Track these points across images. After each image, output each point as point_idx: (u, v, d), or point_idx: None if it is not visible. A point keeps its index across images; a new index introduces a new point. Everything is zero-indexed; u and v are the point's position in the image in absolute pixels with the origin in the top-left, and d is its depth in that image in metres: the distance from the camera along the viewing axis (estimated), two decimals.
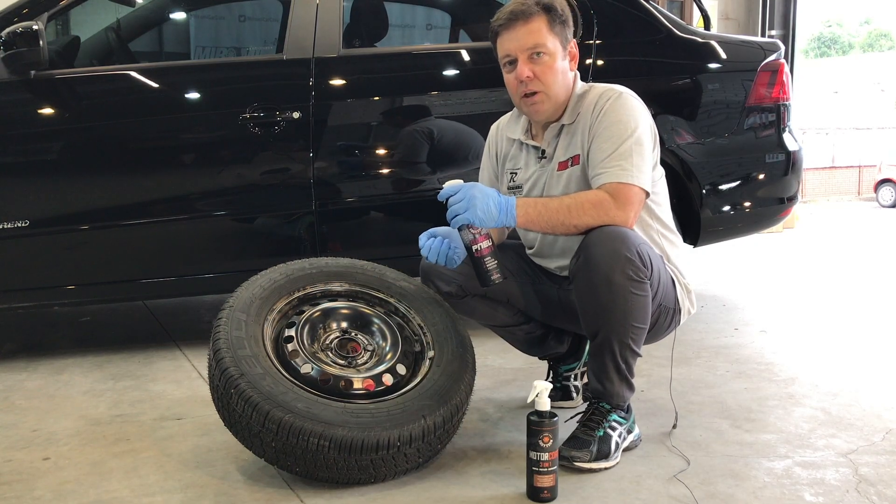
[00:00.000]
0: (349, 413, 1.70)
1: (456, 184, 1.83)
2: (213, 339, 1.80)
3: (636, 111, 1.92)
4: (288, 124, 2.83)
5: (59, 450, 2.03)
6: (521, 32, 1.91)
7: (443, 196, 1.84)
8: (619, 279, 1.78)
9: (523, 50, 1.91)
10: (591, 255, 1.79)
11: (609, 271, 1.77)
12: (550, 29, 1.91)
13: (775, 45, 3.33)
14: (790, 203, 3.37)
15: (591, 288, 1.81)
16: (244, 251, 2.99)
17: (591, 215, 1.83)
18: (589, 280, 1.81)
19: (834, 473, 1.81)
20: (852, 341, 3.10)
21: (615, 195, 1.84)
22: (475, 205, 1.78)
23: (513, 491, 1.73)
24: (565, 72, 1.96)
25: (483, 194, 1.80)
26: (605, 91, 1.95)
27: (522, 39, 1.91)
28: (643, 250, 1.82)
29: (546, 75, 1.92)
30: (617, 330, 1.82)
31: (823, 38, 41.14)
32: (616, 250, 1.77)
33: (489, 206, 1.79)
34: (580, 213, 1.83)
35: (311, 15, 2.92)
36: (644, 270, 1.81)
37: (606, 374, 1.87)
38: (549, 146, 2.01)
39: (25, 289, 2.82)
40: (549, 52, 1.91)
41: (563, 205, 1.84)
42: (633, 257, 1.78)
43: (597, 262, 1.78)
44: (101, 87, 2.90)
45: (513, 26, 1.91)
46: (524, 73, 1.92)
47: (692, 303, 2.07)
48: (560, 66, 1.93)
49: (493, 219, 1.80)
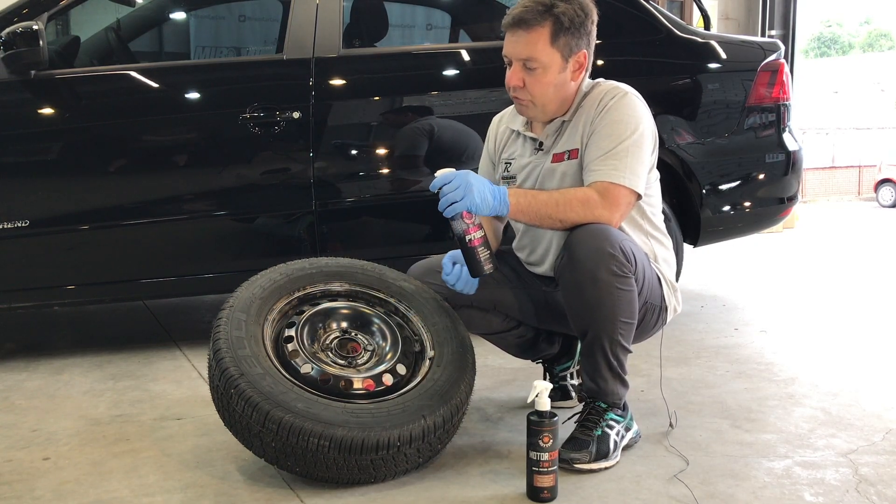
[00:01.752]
0: (349, 413, 1.70)
1: (448, 172, 1.82)
2: (213, 339, 1.80)
3: (639, 113, 1.91)
4: (288, 124, 2.83)
5: (59, 450, 2.03)
6: (519, 40, 1.90)
7: (436, 185, 1.81)
8: (603, 276, 1.78)
9: (518, 58, 1.91)
10: (575, 254, 1.80)
11: (594, 268, 1.78)
12: (552, 41, 1.88)
13: (775, 45, 3.33)
14: (790, 203, 3.37)
15: (576, 286, 1.81)
16: (244, 251, 2.99)
17: (578, 212, 1.83)
18: (574, 279, 1.81)
19: (834, 473, 1.81)
20: (852, 341, 3.09)
21: (604, 194, 1.84)
22: (472, 191, 1.78)
23: (513, 491, 1.73)
24: (562, 84, 1.93)
25: (478, 181, 1.80)
26: (610, 89, 1.95)
27: (519, 47, 1.90)
28: (626, 246, 1.82)
29: (534, 87, 1.91)
30: (606, 327, 1.82)
31: (823, 38, 41.15)
32: (599, 247, 1.78)
33: (485, 193, 1.80)
34: (567, 208, 1.83)
35: (311, 15, 2.92)
36: (628, 266, 1.81)
37: (599, 373, 1.88)
38: (547, 139, 2.01)
39: (25, 289, 2.82)
40: (543, 66, 1.89)
41: (552, 199, 1.85)
42: (617, 253, 1.78)
43: (581, 261, 1.79)
44: (101, 87, 2.89)
45: (514, 31, 1.91)
46: (513, 81, 1.93)
47: (678, 301, 2.07)
48: (554, 79, 1.91)
49: (488, 206, 1.80)
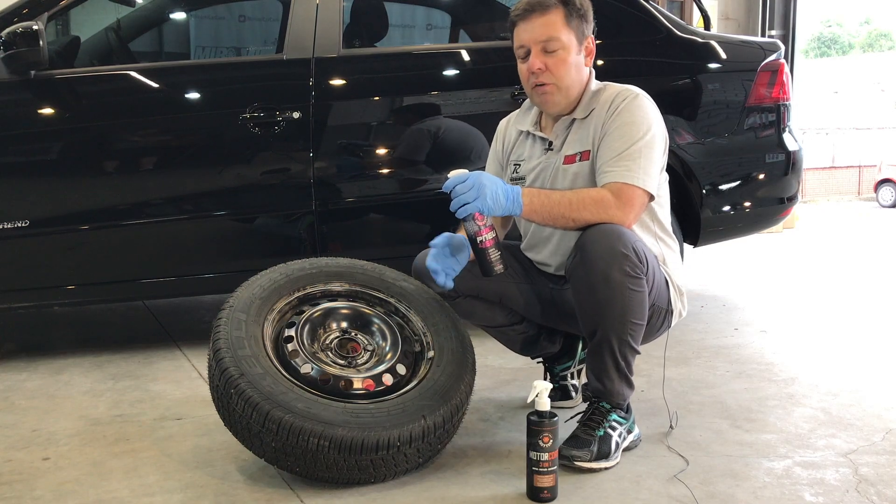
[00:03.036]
0: (349, 413, 1.70)
1: (462, 173, 1.81)
2: (213, 339, 1.80)
3: (650, 114, 1.92)
4: (288, 124, 2.83)
5: (59, 450, 2.03)
6: (536, 24, 1.91)
7: (448, 186, 1.80)
8: (616, 275, 1.78)
9: (537, 42, 1.92)
10: (588, 253, 1.79)
11: (606, 268, 1.77)
12: (566, 23, 1.92)
13: (775, 45, 3.33)
14: (790, 203, 3.37)
15: (588, 285, 1.81)
16: (244, 251, 2.99)
17: (591, 211, 1.83)
18: (586, 278, 1.81)
19: (834, 473, 1.81)
20: (852, 341, 3.09)
21: (618, 195, 1.84)
22: (484, 193, 1.77)
23: (513, 491, 1.73)
24: (579, 67, 1.96)
25: (491, 182, 1.80)
26: (622, 91, 1.95)
27: (537, 31, 1.92)
28: (638, 247, 1.82)
29: (558, 68, 1.92)
30: (616, 327, 1.82)
31: (823, 38, 41.15)
32: (612, 247, 1.78)
33: (497, 194, 1.79)
34: (580, 208, 1.83)
35: (311, 15, 2.92)
36: (640, 266, 1.81)
37: (606, 373, 1.87)
38: (556, 138, 2.01)
39: (25, 289, 2.82)
40: (563, 46, 1.91)
41: (565, 198, 1.85)
42: (630, 253, 1.78)
43: (594, 260, 1.78)
44: (101, 87, 2.89)
45: (529, 17, 1.92)
46: (535, 65, 1.93)
47: (684, 305, 2.07)
48: (574, 60, 1.94)
49: (501, 206, 1.80)
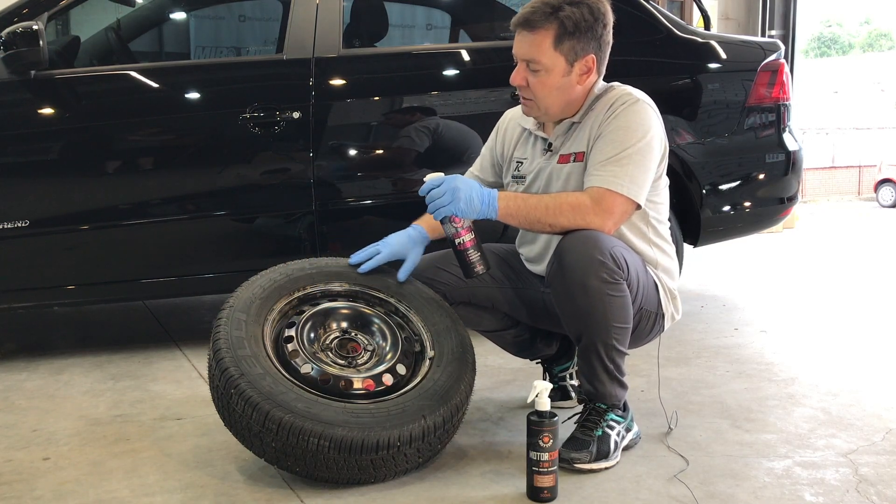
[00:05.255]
0: (349, 413, 1.70)
1: (437, 177, 1.82)
2: (213, 339, 1.80)
3: (648, 121, 1.87)
4: (288, 124, 2.83)
5: (59, 450, 2.03)
6: (524, 41, 1.89)
7: (423, 190, 1.82)
8: (594, 283, 1.76)
9: (522, 58, 1.91)
10: (565, 261, 1.78)
11: (583, 276, 1.76)
12: (555, 44, 1.86)
13: (775, 45, 3.33)
14: (790, 203, 3.37)
15: (567, 294, 1.80)
16: (244, 251, 2.99)
17: (568, 217, 1.81)
18: (565, 286, 1.80)
19: (834, 473, 1.81)
20: (852, 341, 3.09)
21: (598, 201, 1.82)
22: (458, 197, 1.78)
23: (513, 491, 1.73)
24: (565, 88, 1.90)
25: (466, 185, 1.80)
26: (623, 94, 1.91)
27: (523, 48, 1.90)
28: (616, 252, 1.80)
29: (537, 88, 1.90)
30: (599, 333, 1.81)
31: (823, 38, 41.14)
32: (588, 254, 1.76)
33: (472, 198, 1.79)
34: (557, 213, 1.82)
35: (311, 15, 2.92)
36: (619, 272, 1.79)
37: (596, 376, 1.87)
38: (556, 139, 2.00)
39: (25, 289, 2.82)
40: (546, 69, 1.87)
41: (542, 203, 1.83)
42: (606, 259, 1.76)
43: (571, 268, 1.77)
44: (101, 87, 2.89)
45: (520, 31, 1.90)
46: (516, 80, 1.92)
47: (677, 309, 2.04)
48: (556, 83, 1.88)
49: (475, 210, 1.80)
